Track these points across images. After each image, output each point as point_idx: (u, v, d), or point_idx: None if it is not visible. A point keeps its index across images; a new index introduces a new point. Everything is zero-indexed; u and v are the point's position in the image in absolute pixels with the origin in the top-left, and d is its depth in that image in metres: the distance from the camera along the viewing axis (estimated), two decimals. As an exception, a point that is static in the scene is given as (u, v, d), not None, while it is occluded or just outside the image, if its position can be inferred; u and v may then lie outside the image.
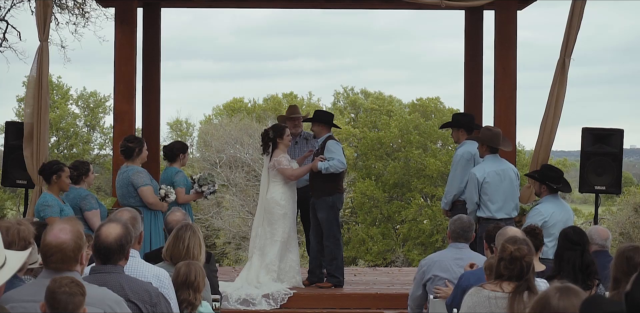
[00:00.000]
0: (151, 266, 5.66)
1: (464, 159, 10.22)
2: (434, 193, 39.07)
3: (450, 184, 10.33)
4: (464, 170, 10.06)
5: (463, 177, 10.05)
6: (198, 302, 5.96)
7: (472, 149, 10.14)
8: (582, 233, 7.20)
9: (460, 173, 10.14)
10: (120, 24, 10.74)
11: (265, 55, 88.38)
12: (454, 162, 10.40)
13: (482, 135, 9.86)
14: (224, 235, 36.71)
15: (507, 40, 10.81)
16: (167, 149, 10.43)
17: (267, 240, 10.43)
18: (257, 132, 36.69)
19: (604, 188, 10.47)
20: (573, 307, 3.46)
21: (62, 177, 9.18)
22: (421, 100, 44.69)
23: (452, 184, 10.30)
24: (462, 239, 7.53)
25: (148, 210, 9.72)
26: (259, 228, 10.56)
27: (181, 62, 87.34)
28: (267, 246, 10.41)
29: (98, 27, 22.62)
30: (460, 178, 10.10)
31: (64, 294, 4.14)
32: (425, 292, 7.58)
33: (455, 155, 10.43)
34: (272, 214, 10.43)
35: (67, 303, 4.14)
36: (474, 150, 10.10)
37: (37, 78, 9.97)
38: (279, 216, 10.41)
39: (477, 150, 9.99)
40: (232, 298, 9.91)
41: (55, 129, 40.02)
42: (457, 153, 10.36)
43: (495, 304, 5.20)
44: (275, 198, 10.44)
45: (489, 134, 9.78)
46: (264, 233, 10.47)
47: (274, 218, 10.43)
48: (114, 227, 5.03)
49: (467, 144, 10.30)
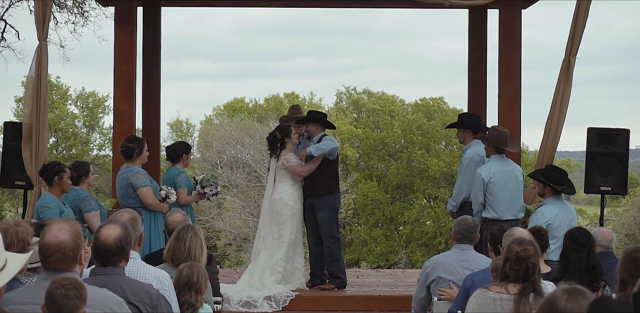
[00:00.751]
0: (152, 267, 5.65)
1: (473, 162, 10.17)
2: (437, 195, 39.05)
3: (460, 187, 10.26)
4: (473, 173, 9.97)
5: (472, 180, 9.98)
6: (199, 304, 5.95)
7: (481, 150, 10.10)
8: (588, 234, 7.18)
9: (469, 176, 10.05)
10: (120, 23, 10.74)
11: (266, 54, 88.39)
12: (462, 164, 10.33)
13: (489, 136, 9.83)
14: (224, 237, 36.70)
15: (512, 40, 10.79)
16: (170, 150, 10.42)
17: (275, 241, 10.42)
18: (258, 132, 36.71)
19: (610, 189, 10.46)
20: (580, 309, 3.46)
21: (64, 178, 9.16)
22: (424, 100, 44.69)
23: (461, 187, 10.23)
24: (467, 240, 7.51)
25: (148, 211, 9.71)
26: (263, 230, 10.54)
27: (181, 61, 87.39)
28: (274, 247, 10.40)
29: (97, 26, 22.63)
30: (470, 181, 10.02)
31: (59, 296, 4.14)
32: (429, 293, 7.56)
33: (464, 158, 10.37)
34: (280, 215, 10.42)
35: (62, 305, 4.14)
36: (482, 151, 10.07)
37: (36, 78, 9.97)
38: (287, 217, 10.41)
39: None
40: (233, 301, 9.90)
41: (53, 130, 40.02)
42: (466, 155, 10.30)
43: (501, 306, 5.18)
44: (284, 199, 10.43)
45: (496, 134, 9.75)
46: (271, 234, 10.46)
47: (282, 219, 10.42)
48: (114, 228, 5.01)
49: (475, 145, 10.26)
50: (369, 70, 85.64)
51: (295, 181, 10.48)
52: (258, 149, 35.93)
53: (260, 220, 10.74)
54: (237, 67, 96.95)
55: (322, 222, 10.49)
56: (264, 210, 10.67)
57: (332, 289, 10.45)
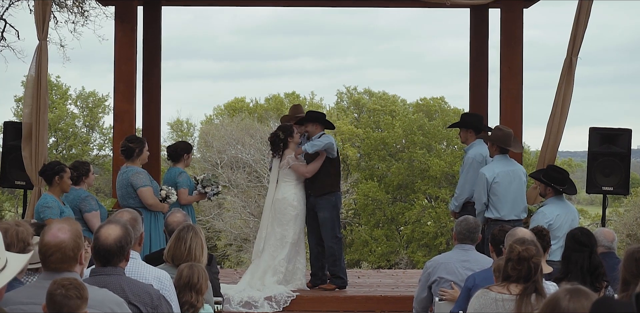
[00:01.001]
0: (152, 268, 5.66)
1: (476, 162, 10.17)
2: (438, 195, 39.03)
3: (462, 187, 10.26)
4: (476, 173, 9.97)
5: (475, 180, 9.99)
6: (200, 304, 5.96)
7: (484, 150, 10.10)
8: (590, 234, 7.18)
9: (472, 176, 10.06)
10: (120, 23, 10.75)
11: (267, 54, 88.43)
12: (465, 164, 10.33)
13: (492, 136, 9.83)
14: (225, 237, 36.70)
15: (513, 39, 10.79)
16: (171, 149, 10.42)
17: (277, 241, 10.41)
18: (258, 132, 36.70)
19: (612, 189, 10.46)
20: (583, 309, 3.46)
21: (64, 178, 9.16)
22: (425, 100, 44.68)
23: (463, 187, 10.23)
24: (468, 241, 7.51)
25: (148, 211, 9.71)
26: (265, 230, 10.53)
27: (181, 61, 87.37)
28: (277, 247, 10.39)
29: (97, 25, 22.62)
30: (472, 182, 10.02)
31: (60, 296, 4.14)
32: (430, 294, 7.56)
33: (466, 158, 10.37)
34: (284, 215, 10.42)
35: (63, 305, 4.14)
36: (485, 152, 10.07)
37: (35, 77, 9.96)
38: (291, 217, 10.40)
39: (488, 151, 9.96)
40: (234, 301, 9.90)
41: (53, 130, 40.03)
42: (469, 155, 10.30)
43: (503, 306, 5.18)
44: (288, 199, 10.43)
45: (500, 134, 9.75)
46: (274, 234, 10.44)
47: (285, 219, 10.41)
48: (114, 228, 5.01)
49: (477, 146, 10.26)
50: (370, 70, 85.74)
51: (299, 181, 10.49)
52: (258, 149, 35.92)
53: (262, 221, 10.73)
54: (237, 67, 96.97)
55: (323, 222, 10.48)
56: (266, 211, 10.66)
57: (332, 289, 10.45)
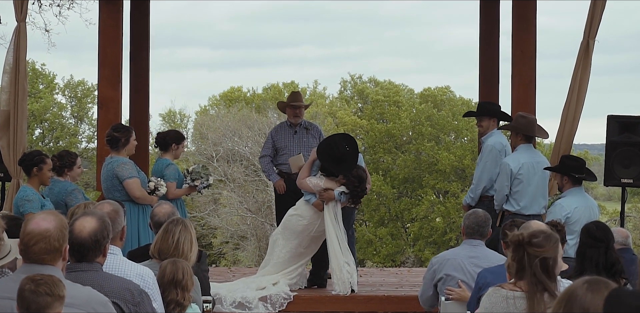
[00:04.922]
0: (134, 264, 5.51)
1: (495, 150, 10.03)
2: (447, 189, 38.92)
3: (479, 177, 10.09)
4: (494, 162, 9.88)
5: (494, 169, 9.86)
6: (187, 302, 5.85)
7: (503, 139, 10.04)
8: (606, 228, 7.08)
9: (491, 165, 9.95)
10: (105, 3, 10.59)
11: (266, 42, 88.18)
12: (483, 153, 10.19)
13: (516, 123, 9.72)
14: (221, 234, 36.66)
15: (526, 22, 10.65)
16: (159, 137, 10.22)
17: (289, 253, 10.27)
18: (256, 123, 36.64)
19: (631, 181, 10.31)
20: (602, 301, 3.40)
21: (43, 169, 9.05)
22: (429, 89, 44.52)
23: (481, 177, 10.07)
24: (477, 235, 7.39)
25: (135, 204, 9.58)
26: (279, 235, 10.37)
27: (175, 49, 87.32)
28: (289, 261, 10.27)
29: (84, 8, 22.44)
30: (491, 171, 9.92)
31: (27, 291, 4.02)
32: (436, 292, 7.45)
33: (485, 146, 10.20)
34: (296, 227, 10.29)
35: (30, 302, 4.01)
36: (504, 141, 10.02)
37: (13, 62, 9.84)
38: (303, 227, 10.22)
39: (508, 142, 9.86)
40: (226, 302, 9.75)
41: (39, 121, 39.97)
42: (488, 143, 10.13)
43: (513, 304, 5.06)
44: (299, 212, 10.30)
45: (524, 122, 9.66)
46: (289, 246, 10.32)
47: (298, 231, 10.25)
48: (89, 220, 4.87)
49: (496, 134, 10.17)
50: (375, 59, 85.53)
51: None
52: (256, 141, 35.83)
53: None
54: (235, 56, 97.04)
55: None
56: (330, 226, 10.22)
57: None
